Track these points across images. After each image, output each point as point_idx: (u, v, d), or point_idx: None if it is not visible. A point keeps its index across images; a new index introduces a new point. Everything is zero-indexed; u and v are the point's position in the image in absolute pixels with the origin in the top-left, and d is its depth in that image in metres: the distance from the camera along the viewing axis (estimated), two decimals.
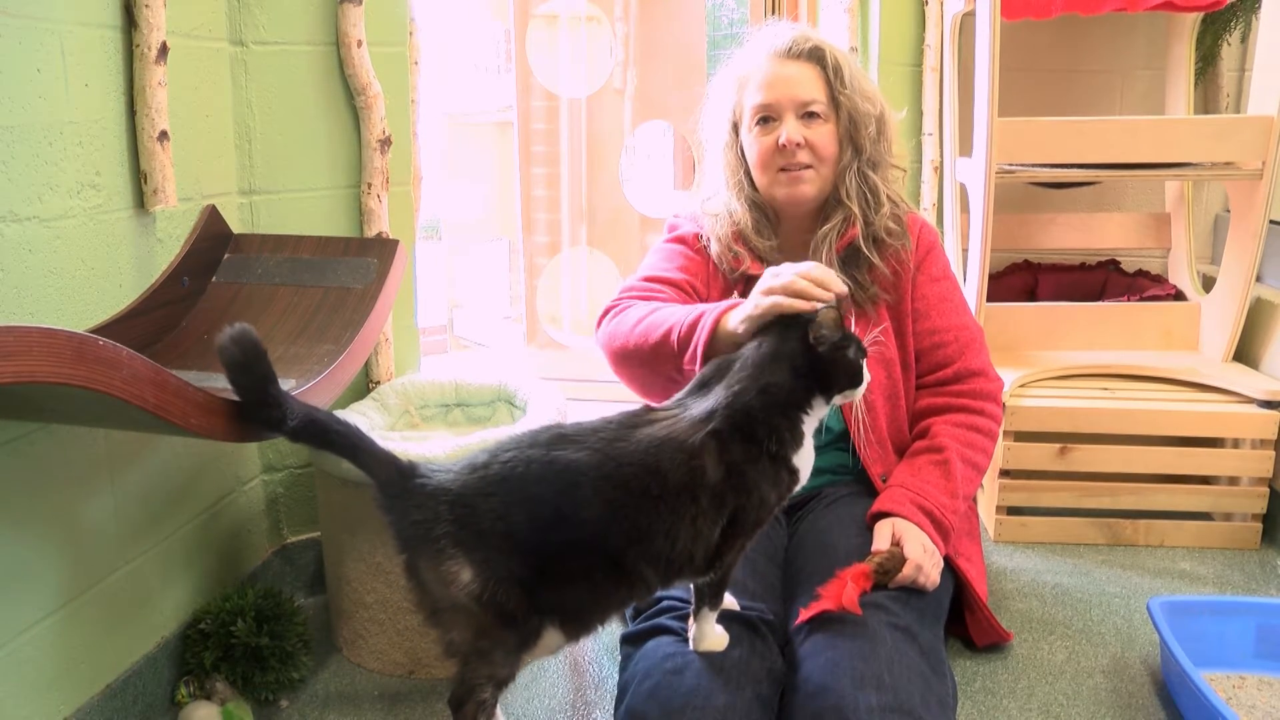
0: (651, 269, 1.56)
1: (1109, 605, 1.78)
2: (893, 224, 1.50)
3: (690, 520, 1.07)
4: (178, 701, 1.49)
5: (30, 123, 1.23)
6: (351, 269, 1.59)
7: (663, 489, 1.05)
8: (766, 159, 1.47)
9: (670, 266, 1.55)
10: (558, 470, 1.06)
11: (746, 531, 1.12)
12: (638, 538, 1.05)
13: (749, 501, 1.09)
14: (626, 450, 1.07)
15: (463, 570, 1.05)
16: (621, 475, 1.05)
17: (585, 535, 1.05)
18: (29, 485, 1.24)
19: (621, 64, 2.92)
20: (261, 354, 1.06)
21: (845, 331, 1.14)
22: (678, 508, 1.06)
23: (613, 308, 1.48)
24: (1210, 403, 2.02)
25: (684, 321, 1.31)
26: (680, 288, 1.51)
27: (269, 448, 1.83)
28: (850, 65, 1.48)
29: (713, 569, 1.12)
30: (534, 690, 1.55)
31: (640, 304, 1.45)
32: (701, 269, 1.55)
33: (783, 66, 1.46)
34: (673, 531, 1.06)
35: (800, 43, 1.46)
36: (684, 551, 1.07)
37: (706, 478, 1.07)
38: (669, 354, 1.32)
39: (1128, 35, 2.47)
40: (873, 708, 1.07)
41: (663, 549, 1.06)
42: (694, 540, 1.08)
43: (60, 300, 1.29)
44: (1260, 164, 2.03)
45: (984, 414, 1.48)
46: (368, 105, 1.76)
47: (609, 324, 1.46)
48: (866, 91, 1.48)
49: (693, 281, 1.53)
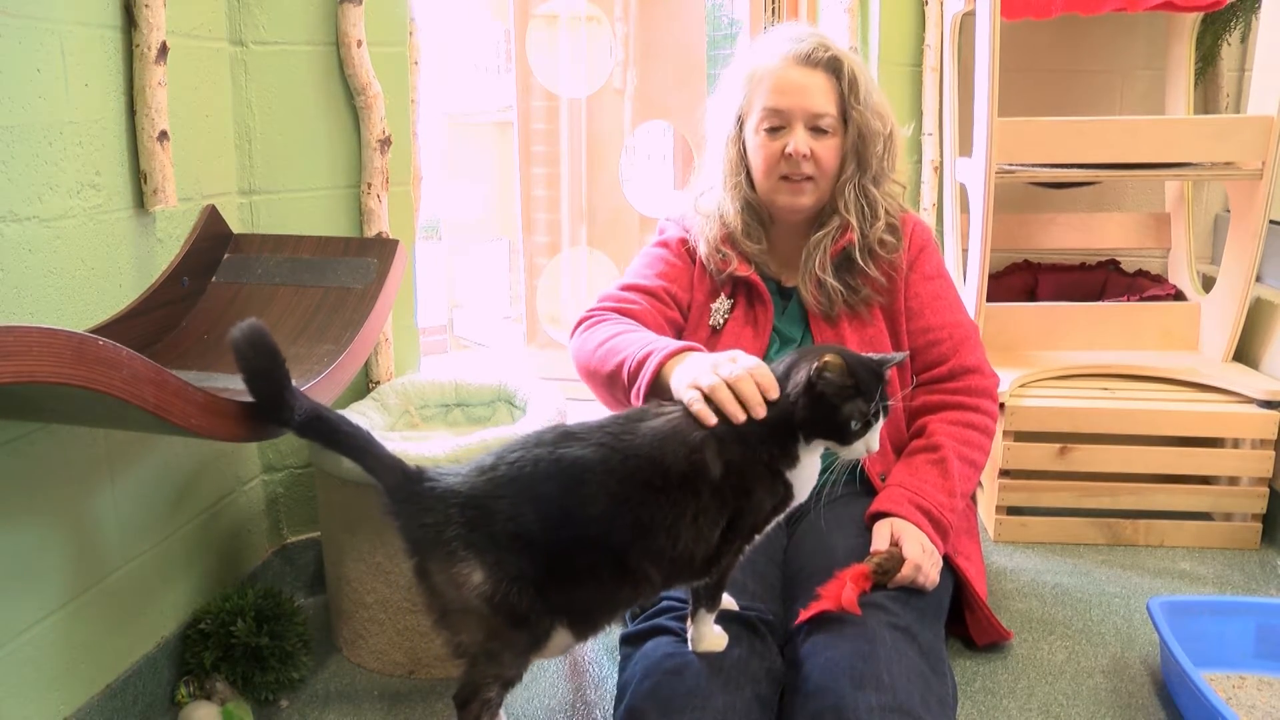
0: (632, 275, 1.57)
1: (1109, 605, 1.78)
2: (887, 236, 1.50)
3: (692, 518, 1.07)
4: (178, 701, 1.49)
5: (30, 123, 1.23)
6: (351, 269, 1.59)
7: (665, 482, 1.06)
8: (771, 165, 1.47)
9: (650, 274, 1.55)
10: (564, 467, 1.07)
11: (743, 535, 1.12)
12: (641, 533, 1.06)
13: (747, 504, 1.09)
14: (631, 444, 1.08)
15: (474, 572, 1.05)
16: (626, 468, 1.06)
17: (592, 532, 1.06)
18: (29, 485, 1.24)
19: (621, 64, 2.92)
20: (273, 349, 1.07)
21: (850, 387, 1.08)
22: (679, 502, 1.06)
23: (585, 320, 1.48)
24: (1210, 403, 2.02)
25: (634, 358, 1.31)
26: (656, 296, 1.52)
27: (269, 448, 1.83)
28: (866, 80, 1.47)
29: (710, 572, 1.12)
30: (534, 690, 1.55)
31: (609, 322, 1.45)
32: (684, 273, 1.56)
33: (799, 73, 1.44)
34: (674, 528, 1.06)
35: (819, 51, 1.44)
36: (685, 551, 1.08)
37: (708, 472, 1.07)
38: (620, 384, 1.33)
39: (1128, 35, 2.47)
40: (872, 708, 1.07)
41: (665, 546, 1.07)
42: (695, 539, 1.08)
43: (60, 300, 1.29)
44: (1260, 164, 2.03)
45: (980, 410, 1.49)
46: (368, 105, 1.76)
47: (578, 337, 1.47)
48: (878, 108, 1.47)
49: (670, 289, 1.54)
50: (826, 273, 1.48)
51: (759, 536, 1.15)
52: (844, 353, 1.10)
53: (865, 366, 1.10)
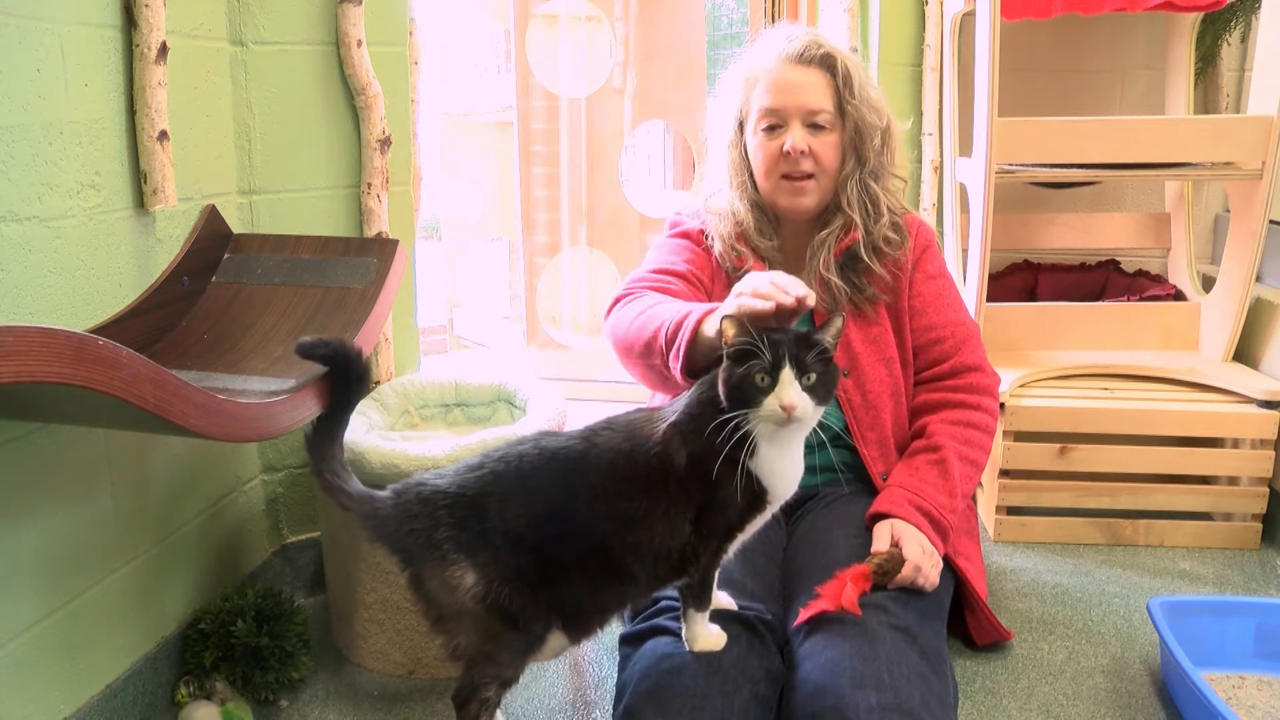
0: (658, 262, 1.55)
1: (1109, 605, 1.78)
2: (891, 233, 1.50)
3: (664, 510, 1.09)
4: (178, 701, 1.49)
5: (30, 122, 1.22)
6: (351, 269, 1.59)
7: (634, 473, 1.09)
8: (770, 164, 1.48)
9: (677, 260, 1.54)
10: (548, 457, 1.11)
11: (718, 534, 1.12)
12: (620, 526, 1.08)
13: (714, 499, 1.09)
14: (608, 437, 1.13)
15: (466, 574, 1.07)
16: (603, 461, 1.10)
17: (576, 526, 1.08)
18: (29, 485, 1.24)
19: (621, 64, 2.92)
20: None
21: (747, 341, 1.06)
22: (651, 493, 1.09)
23: (623, 297, 1.47)
24: (1210, 403, 2.01)
25: (671, 321, 1.29)
26: (688, 280, 1.51)
27: (269, 448, 1.83)
28: (860, 75, 1.48)
29: (689, 570, 1.13)
30: (534, 690, 1.55)
31: (647, 295, 1.43)
32: (705, 264, 1.55)
33: (793, 71, 1.45)
34: (649, 518, 1.08)
35: (813, 48, 1.45)
36: (663, 546, 1.09)
37: (674, 464, 1.09)
38: (659, 351, 1.31)
39: (1128, 35, 2.47)
40: (872, 708, 1.07)
41: (643, 540, 1.08)
42: (670, 533, 1.09)
43: (60, 300, 1.29)
44: (1260, 164, 2.03)
45: (980, 409, 1.49)
46: (367, 105, 1.76)
47: (616, 313, 1.44)
48: (874, 103, 1.48)
49: (699, 274, 1.52)
50: (831, 271, 1.48)
51: (741, 536, 1.14)
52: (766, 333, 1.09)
53: (770, 328, 1.10)
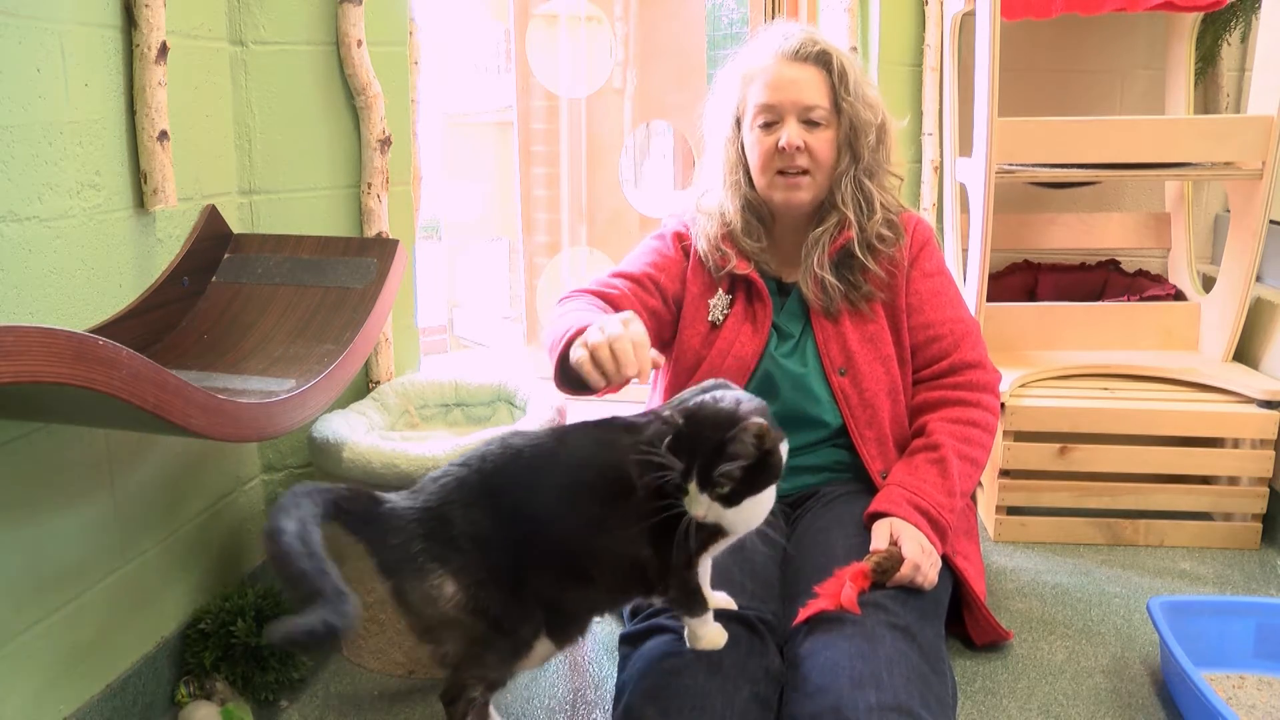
0: (623, 264, 1.60)
1: (1109, 605, 1.78)
2: (885, 230, 1.51)
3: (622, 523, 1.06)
4: (178, 701, 1.49)
5: (30, 122, 1.23)
6: (351, 269, 1.59)
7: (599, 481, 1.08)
8: (766, 160, 1.49)
9: (640, 263, 1.58)
10: (512, 455, 1.11)
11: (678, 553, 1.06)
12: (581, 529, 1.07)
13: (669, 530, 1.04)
14: (580, 440, 1.13)
15: (445, 584, 1.07)
16: (572, 461, 1.10)
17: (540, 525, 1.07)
18: (29, 485, 1.24)
19: (621, 64, 2.92)
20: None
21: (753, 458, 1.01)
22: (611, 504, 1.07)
23: (561, 301, 1.51)
24: (1210, 403, 2.01)
25: (557, 336, 1.33)
26: (640, 283, 1.54)
27: (269, 447, 1.83)
28: (855, 72, 1.49)
29: (656, 588, 1.11)
30: (534, 690, 1.55)
31: (577, 303, 1.45)
32: (676, 265, 1.58)
33: (789, 68, 1.47)
34: (608, 525, 1.07)
35: (808, 45, 1.47)
36: (624, 555, 1.08)
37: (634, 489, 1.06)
38: (555, 361, 1.35)
39: (1128, 35, 2.47)
40: (871, 707, 1.07)
41: (602, 547, 1.08)
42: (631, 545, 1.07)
43: (60, 300, 1.29)
44: (1260, 164, 2.02)
45: (980, 406, 1.49)
46: (368, 105, 1.76)
47: (550, 319, 1.49)
48: (869, 99, 1.50)
49: (657, 277, 1.56)
50: (825, 269, 1.49)
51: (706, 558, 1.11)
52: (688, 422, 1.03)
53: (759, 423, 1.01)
